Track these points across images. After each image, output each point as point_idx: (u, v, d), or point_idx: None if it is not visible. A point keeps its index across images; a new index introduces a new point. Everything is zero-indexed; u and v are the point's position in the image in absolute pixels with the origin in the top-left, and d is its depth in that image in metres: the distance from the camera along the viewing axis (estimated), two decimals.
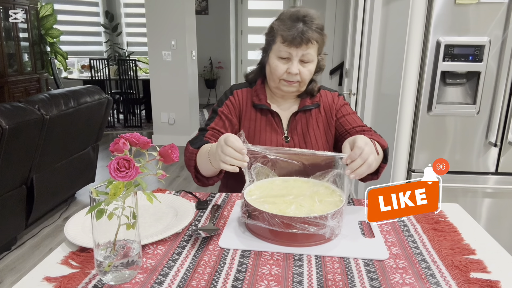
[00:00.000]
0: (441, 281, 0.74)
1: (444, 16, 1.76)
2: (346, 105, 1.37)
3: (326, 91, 1.37)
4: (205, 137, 1.25)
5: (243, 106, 1.33)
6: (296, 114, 1.32)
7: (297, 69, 1.20)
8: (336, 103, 1.35)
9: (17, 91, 5.40)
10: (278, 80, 1.24)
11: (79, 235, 0.87)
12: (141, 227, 0.90)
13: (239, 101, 1.33)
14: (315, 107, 1.33)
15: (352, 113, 1.35)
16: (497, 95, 1.81)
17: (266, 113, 1.31)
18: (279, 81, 1.24)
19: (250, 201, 0.90)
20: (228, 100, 1.34)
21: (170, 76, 4.76)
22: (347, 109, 1.35)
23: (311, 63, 1.22)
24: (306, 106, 1.31)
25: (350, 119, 1.33)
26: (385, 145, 1.19)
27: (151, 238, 0.86)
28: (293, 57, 1.19)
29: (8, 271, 2.30)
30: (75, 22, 6.97)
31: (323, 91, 1.37)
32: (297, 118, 1.32)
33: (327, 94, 1.36)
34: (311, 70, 1.23)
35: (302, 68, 1.21)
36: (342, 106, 1.35)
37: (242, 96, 1.34)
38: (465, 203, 1.91)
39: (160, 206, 1.04)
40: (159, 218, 0.99)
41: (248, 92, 1.34)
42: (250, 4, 7.67)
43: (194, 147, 1.19)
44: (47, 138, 2.50)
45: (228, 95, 1.35)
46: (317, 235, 0.85)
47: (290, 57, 1.20)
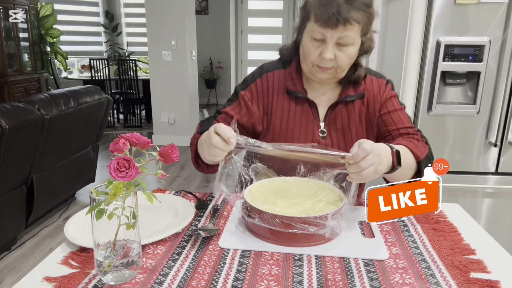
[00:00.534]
0: (441, 281, 0.74)
1: (444, 16, 1.76)
2: (394, 97, 1.14)
3: (372, 77, 1.15)
4: (216, 120, 1.11)
5: (273, 93, 1.13)
6: (336, 105, 1.12)
7: (332, 53, 1.00)
8: (382, 94, 1.13)
9: (17, 91, 5.40)
10: (311, 64, 1.05)
11: (79, 235, 0.87)
12: (141, 227, 0.89)
13: (269, 87, 1.13)
14: (358, 97, 1.11)
15: (399, 109, 1.13)
16: (497, 95, 1.81)
17: (302, 101, 1.12)
18: (312, 66, 1.05)
19: (250, 201, 0.90)
20: (254, 84, 1.14)
21: (170, 76, 4.76)
22: (393, 104, 1.13)
23: (350, 47, 1.01)
24: (348, 97, 1.11)
25: (396, 117, 1.11)
26: (420, 156, 1.00)
27: (151, 238, 0.86)
28: (327, 39, 0.99)
29: (8, 271, 2.30)
30: (75, 22, 6.97)
31: (369, 76, 1.14)
32: (337, 111, 1.12)
33: (373, 81, 1.14)
34: (350, 54, 1.02)
35: (339, 53, 1.01)
36: (389, 99, 1.13)
37: (273, 80, 1.14)
38: (465, 203, 1.91)
39: (160, 206, 1.04)
40: (159, 218, 0.99)
41: (281, 75, 1.14)
42: (250, 4, 7.67)
43: (200, 130, 1.09)
44: (47, 138, 2.50)
45: (256, 77, 1.15)
46: (317, 235, 0.85)
47: (324, 38, 1.00)
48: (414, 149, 1.01)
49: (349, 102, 1.12)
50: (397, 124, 1.11)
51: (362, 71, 1.11)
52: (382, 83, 1.14)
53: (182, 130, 4.96)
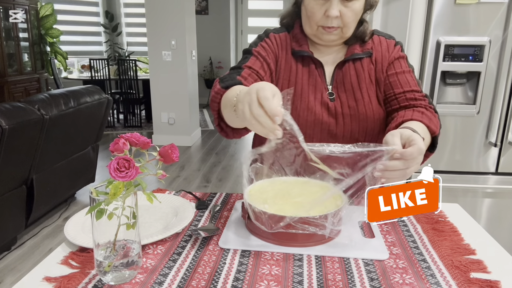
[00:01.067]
0: (441, 281, 0.74)
1: (444, 16, 1.76)
2: (402, 59, 1.08)
3: (381, 37, 1.10)
4: (240, 75, 0.98)
5: (280, 53, 1.08)
6: (343, 64, 1.06)
7: (338, 10, 0.95)
8: (391, 53, 1.07)
9: (17, 91, 5.40)
10: (315, 26, 1.00)
11: (79, 235, 0.87)
12: (141, 227, 0.89)
13: (276, 46, 1.08)
14: (366, 55, 1.06)
15: (407, 71, 1.07)
16: (497, 95, 1.81)
17: (308, 62, 1.07)
18: (316, 28, 1.00)
19: (251, 201, 0.90)
20: (263, 42, 1.09)
21: (170, 76, 4.76)
22: (401, 65, 1.07)
23: (355, 1, 0.96)
24: (355, 55, 1.05)
25: (403, 79, 1.04)
26: (436, 131, 0.95)
27: (151, 238, 0.86)
28: None
29: (8, 271, 2.30)
30: (75, 22, 6.97)
31: (377, 36, 1.10)
32: (344, 70, 1.06)
33: (381, 41, 1.09)
34: (356, 10, 0.97)
35: (344, 9, 0.95)
36: (397, 60, 1.07)
37: (280, 40, 1.09)
38: (465, 203, 1.91)
39: (160, 206, 1.04)
40: (159, 218, 0.99)
41: (287, 37, 1.10)
42: (250, 4, 7.67)
43: (222, 85, 0.94)
44: (47, 138, 2.50)
45: (263, 37, 1.10)
46: (317, 235, 0.85)
47: None
48: (429, 123, 0.95)
49: (356, 60, 1.06)
50: (403, 86, 1.04)
51: (367, 26, 1.05)
52: (390, 43, 1.09)
53: (182, 130, 4.97)
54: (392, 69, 1.06)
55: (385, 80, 1.06)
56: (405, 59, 1.09)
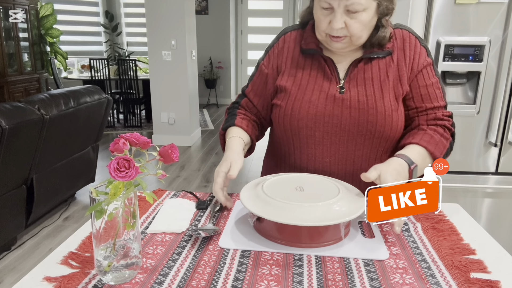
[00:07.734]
0: (441, 281, 0.74)
1: (444, 16, 1.76)
2: (429, 67, 1.05)
3: (403, 31, 1.05)
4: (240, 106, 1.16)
5: (288, 52, 1.10)
6: (359, 61, 1.04)
7: (341, 22, 0.94)
8: (418, 57, 1.03)
9: (17, 91, 5.40)
10: (323, 33, 0.99)
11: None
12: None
13: (284, 47, 1.11)
14: (385, 55, 1.03)
15: (435, 83, 1.05)
16: (497, 95, 1.81)
17: (318, 59, 1.07)
18: (325, 35, 1.00)
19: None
20: (272, 49, 1.13)
21: (170, 76, 4.76)
22: (429, 75, 1.04)
23: (362, 13, 0.93)
24: (374, 53, 1.03)
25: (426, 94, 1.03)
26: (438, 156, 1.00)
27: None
28: (335, 7, 0.93)
29: (8, 271, 2.30)
30: (75, 22, 6.97)
31: (399, 30, 1.05)
32: (360, 67, 1.04)
33: (403, 36, 1.04)
34: (363, 21, 0.94)
35: (350, 20, 0.94)
36: (425, 68, 1.04)
37: (290, 39, 1.11)
38: (465, 203, 1.91)
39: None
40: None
41: (298, 34, 1.11)
42: (250, 4, 7.67)
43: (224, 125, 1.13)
44: (47, 138, 2.50)
45: (274, 41, 1.14)
46: (323, 237, 0.85)
47: (332, 7, 0.94)
48: (433, 150, 1.00)
49: (374, 58, 1.04)
50: (425, 102, 1.04)
51: (385, 31, 1.00)
52: (416, 44, 1.04)
53: (182, 130, 4.97)
54: (417, 80, 1.04)
55: (409, 91, 1.05)
56: (431, 66, 1.06)
